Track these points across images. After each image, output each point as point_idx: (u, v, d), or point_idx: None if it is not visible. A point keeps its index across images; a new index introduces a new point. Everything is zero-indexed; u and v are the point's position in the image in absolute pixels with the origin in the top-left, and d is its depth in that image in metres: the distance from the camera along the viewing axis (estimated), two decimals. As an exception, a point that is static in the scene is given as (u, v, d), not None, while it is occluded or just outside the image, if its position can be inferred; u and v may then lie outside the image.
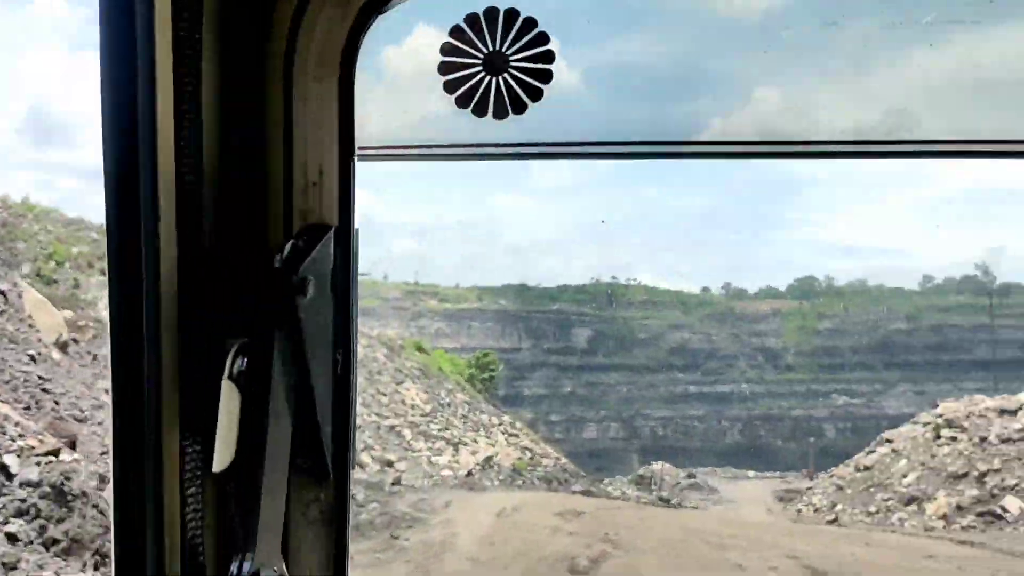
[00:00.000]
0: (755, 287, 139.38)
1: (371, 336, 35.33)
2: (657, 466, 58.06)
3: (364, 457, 27.91)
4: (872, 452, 25.34)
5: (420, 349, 37.21)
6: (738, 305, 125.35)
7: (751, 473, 75.04)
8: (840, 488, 24.74)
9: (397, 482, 23.72)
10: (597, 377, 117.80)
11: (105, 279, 1.78)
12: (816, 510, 24.52)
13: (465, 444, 32.11)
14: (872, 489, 22.78)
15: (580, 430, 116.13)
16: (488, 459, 32.42)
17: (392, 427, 30.27)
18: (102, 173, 1.69)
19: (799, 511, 25.75)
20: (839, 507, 23.19)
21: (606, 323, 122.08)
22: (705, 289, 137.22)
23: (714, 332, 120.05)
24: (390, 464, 28.51)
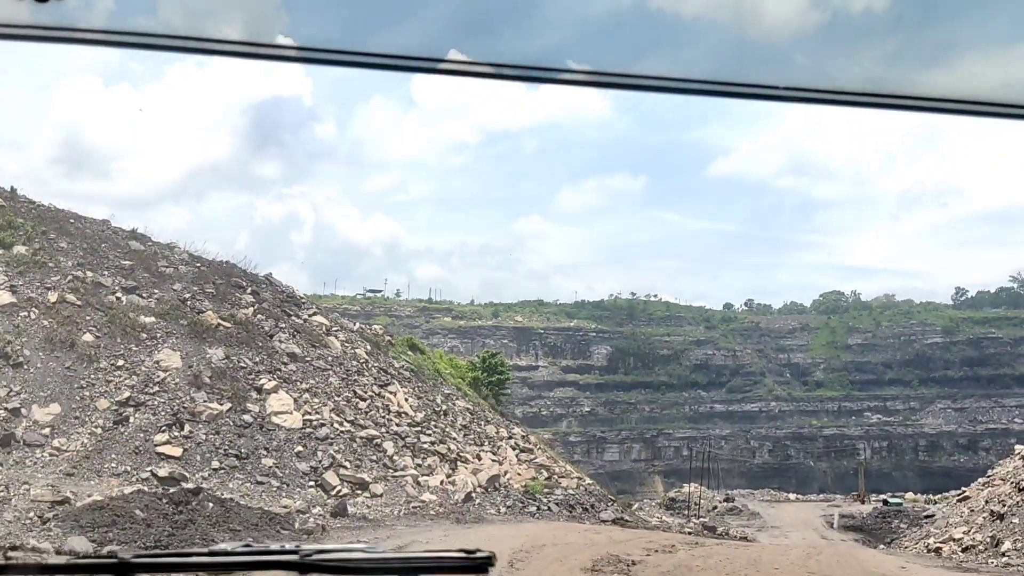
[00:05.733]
0: (779, 303, 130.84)
1: (352, 330, 27.17)
2: (690, 488, 49.49)
3: (329, 477, 20.00)
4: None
5: (414, 347, 28.97)
6: (763, 320, 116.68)
7: (792, 496, 66.17)
8: (1000, 517, 16.10)
9: (341, 512, 15.21)
10: (617, 395, 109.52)
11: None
12: (965, 549, 15.84)
13: (465, 461, 24.35)
14: (1065, 520, 14.25)
15: (601, 451, 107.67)
16: (493, 479, 24.50)
17: (371, 439, 22.58)
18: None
19: (936, 549, 17.01)
20: (1008, 545, 14.53)
21: (626, 339, 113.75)
22: (727, 305, 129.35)
23: (738, 348, 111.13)
24: (363, 486, 20.75)
